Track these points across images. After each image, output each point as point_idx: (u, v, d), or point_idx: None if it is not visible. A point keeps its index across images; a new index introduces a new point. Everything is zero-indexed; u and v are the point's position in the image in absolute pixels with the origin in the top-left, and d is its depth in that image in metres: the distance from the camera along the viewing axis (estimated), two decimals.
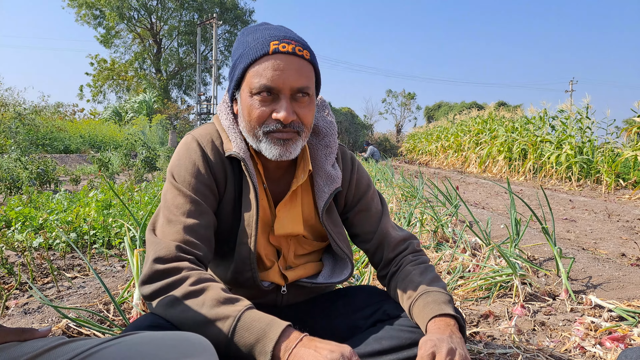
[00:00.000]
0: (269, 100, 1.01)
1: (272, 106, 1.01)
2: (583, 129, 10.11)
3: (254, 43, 1.02)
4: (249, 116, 1.03)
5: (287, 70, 0.99)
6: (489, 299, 1.97)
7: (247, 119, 1.04)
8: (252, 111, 1.02)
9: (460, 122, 17.90)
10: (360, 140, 30.21)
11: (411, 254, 1.22)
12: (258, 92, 1.00)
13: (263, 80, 0.99)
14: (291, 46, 1.01)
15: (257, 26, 1.09)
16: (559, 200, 6.59)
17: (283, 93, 1.00)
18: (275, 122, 1.01)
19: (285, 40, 1.01)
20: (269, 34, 1.03)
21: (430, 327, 1.00)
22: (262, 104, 1.01)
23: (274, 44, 1.00)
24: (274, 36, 1.02)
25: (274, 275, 1.19)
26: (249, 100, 1.02)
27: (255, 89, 1.00)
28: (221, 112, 1.16)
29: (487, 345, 1.49)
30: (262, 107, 1.01)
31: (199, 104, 28.78)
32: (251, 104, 1.02)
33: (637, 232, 4.08)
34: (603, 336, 1.53)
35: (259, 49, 1.00)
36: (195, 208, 1.04)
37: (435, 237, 2.98)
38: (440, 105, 39.80)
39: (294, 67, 1.00)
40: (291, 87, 1.00)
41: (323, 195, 1.17)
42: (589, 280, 2.24)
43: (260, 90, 0.99)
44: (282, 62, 0.99)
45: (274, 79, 0.99)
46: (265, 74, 0.99)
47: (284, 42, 1.00)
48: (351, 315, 1.22)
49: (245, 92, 1.03)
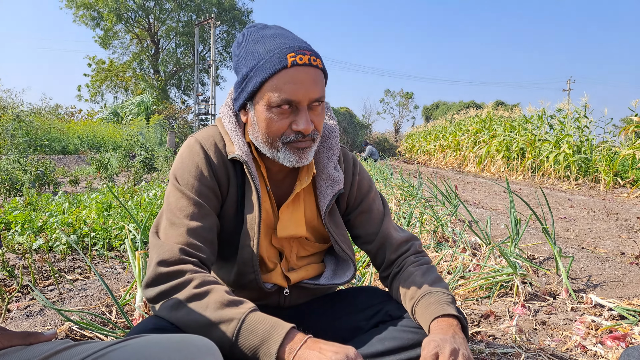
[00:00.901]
0: (288, 112, 1.01)
1: (290, 118, 1.02)
2: (581, 128, 10.13)
3: (269, 55, 1.00)
4: (268, 128, 1.03)
5: (306, 82, 0.99)
6: (489, 298, 1.98)
7: (265, 130, 1.04)
8: (271, 124, 1.02)
9: (458, 121, 17.92)
10: (359, 140, 30.25)
11: (413, 255, 1.23)
12: (278, 105, 1.00)
13: (284, 94, 0.98)
14: (307, 57, 1.00)
15: (261, 32, 1.07)
16: (558, 199, 6.61)
17: (302, 105, 1.01)
18: (295, 133, 1.02)
19: (301, 52, 1.00)
20: (282, 44, 1.01)
21: (433, 327, 1.00)
22: (281, 117, 1.01)
23: (290, 56, 0.99)
24: (289, 47, 1.01)
25: (277, 277, 1.19)
26: (266, 113, 1.01)
27: (276, 102, 0.99)
28: (223, 114, 1.16)
29: (489, 344, 1.50)
30: (282, 120, 1.01)
31: (197, 104, 28.75)
32: (270, 117, 1.01)
33: (636, 230, 4.09)
34: (604, 335, 1.53)
35: (276, 62, 0.99)
36: (198, 211, 1.05)
37: (435, 237, 2.99)
38: (439, 104, 39.84)
39: (310, 78, 1.00)
40: (310, 98, 1.00)
41: (325, 198, 1.18)
42: (589, 279, 2.25)
43: (280, 103, 0.99)
44: (301, 75, 0.99)
45: (295, 93, 0.99)
46: (286, 89, 0.98)
47: (300, 53, 1.00)
48: (353, 316, 1.22)
49: (261, 105, 1.02)
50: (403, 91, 44.76)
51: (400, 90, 44.93)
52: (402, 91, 44.76)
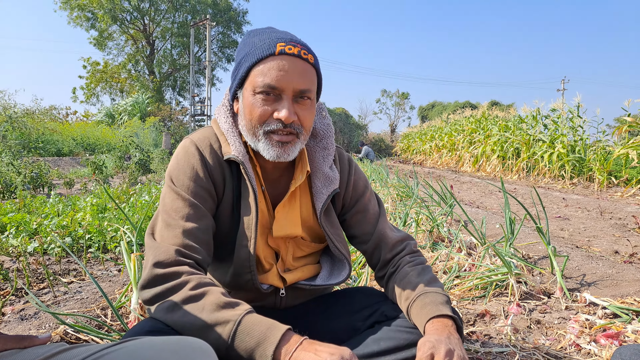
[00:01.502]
0: (271, 99, 1.02)
1: (274, 106, 1.02)
2: (575, 128, 10.19)
3: (260, 43, 1.04)
4: (251, 114, 1.04)
5: (291, 71, 1.01)
6: (485, 298, 1.99)
7: (248, 117, 1.05)
8: (254, 109, 1.03)
9: (454, 121, 17.98)
10: (355, 141, 30.28)
11: (408, 255, 1.23)
12: (261, 91, 1.01)
13: (267, 79, 1.00)
14: (297, 49, 1.03)
15: (264, 29, 1.11)
16: (553, 198, 6.64)
17: (286, 93, 1.02)
18: (277, 121, 1.02)
19: (292, 43, 1.03)
20: (276, 36, 1.05)
21: (428, 328, 1.01)
22: (264, 103, 1.02)
23: (280, 45, 1.02)
24: (281, 38, 1.04)
25: (273, 277, 1.19)
26: (251, 99, 1.03)
27: (259, 87, 1.01)
28: (220, 115, 1.17)
29: (484, 344, 1.51)
30: (265, 106, 1.02)
31: (192, 105, 28.70)
32: (253, 102, 1.03)
33: (630, 229, 4.12)
34: (598, 333, 1.55)
35: (265, 49, 1.02)
36: (194, 212, 1.05)
37: (431, 236, 3.00)
38: (434, 105, 39.95)
39: (298, 69, 1.02)
40: (294, 88, 1.02)
41: (321, 197, 1.18)
42: (583, 278, 2.27)
43: (263, 89, 1.01)
44: (287, 63, 1.01)
45: (278, 79, 1.00)
46: (270, 74, 1.00)
47: (290, 44, 1.03)
48: (349, 316, 1.22)
49: (248, 90, 1.04)
50: (399, 91, 44.86)
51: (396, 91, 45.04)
52: (398, 91, 44.85)
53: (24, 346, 0.75)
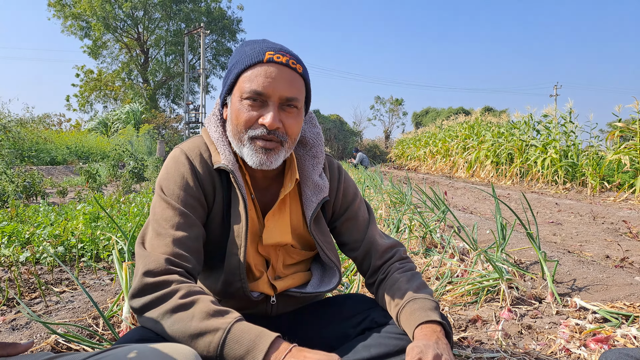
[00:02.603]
0: (258, 106, 1.04)
1: (260, 112, 1.05)
2: (567, 133, 10.29)
3: (251, 52, 1.06)
4: (237, 119, 1.06)
5: (278, 79, 1.03)
6: (477, 303, 2.00)
7: (234, 122, 1.07)
8: (240, 114, 1.05)
9: (447, 127, 18.08)
10: (350, 147, 30.36)
11: (398, 262, 1.24)
12: (248, 97, 1.04)
13: (254, 85, 1.03)
14: (285, 58, 1.05)
15: (258, 40, 1.13)
16: (546, 203, 6.69)
17: (272, 100, 1.04)
18: (261, 127, 1.04)
19: (281, 52, 1.06)
20: (267, 46, 1.07)
21: (417, 333, 1.02)
22: (250, 108, 1.04)
23: (269, 53, 1.05)
24: (271, 47, 1.07)
25: (263, 285, 1.20)
26: (238, 104, 1.06)
27: (246, 93, 1.03)
28: (210, 124, 1.18)
29: (475, 349, 1.51)
30: (251, 112, 1.04)
31: (187, 113, 28.68)
32: (240, 107, 1.05)
33: (621, 233, 4.15)
34: (588, 338, 1.56)
35: (254, 56, 1.05)
36: (184, 221, 1.05)
37: (424, 243, 3.01)
38: (428, 111, 40.16)
39: (285, 77, 1.04)
40: (280, 95, 1.03)
41: (311, 205, 1.19)
42: (574, 283, 2.29)
43: (250, 94, 1.03)
44: (274, 70, 1.03)
45: (264, 85, 1.02)
46: (257, 80, 1.03)
47: (279, 53, 1.05)
48: (340, 323, 1.23)
49: (236, 96, 1.07)
50: (393, 98, 45.03)
51: (390, 97, 45.21)
52: (392, 98, 45.03)
53: (7, 353, 0.75)
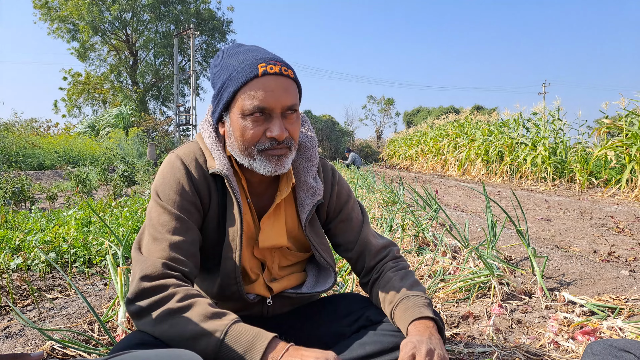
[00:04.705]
0: (262, 120, 1.06)
1: (264, 125, 1.06)
2: (556, 130, 10.43)
3: (241, 66, 1.06)
4: (243, 137, 1.07)
5: (277, 90, 1.05)
6: (468, 300, 2.04)
7: (240, 139, 1.08)
8: (245, 132, 1.06)
9: (438, 126, 18.21)
10: (342, 147, 30.43)
11: (391, 261, 1.27)
12: (251, 113, 1.04)
13: (256, 102, 1.03)
14: (278, 67, 1.06)
15: (236, 49, 1.13)
16: (535, 200, 6.77)
17: (275, 112, 1.05)
18: (270, 140, 1.06)
19: (272, 62, 1.06)
20: (254, 57, 1.07)
21: (410, 330, 1.05)
22: (255, 125, 1.05)
23: (261, 66, 1.05)
24: (259, 58, 1.07)
25: (259, 287, 1.22)
26: (241, 122, 1.06)
27: (249, 110, 1.04)
28: (204, 130, 1.20)
29: (467, 345, 1.55)
30: (256, 127, 1.06)
31: (177, 115, 28.55)
32: (244, 125, 1.06)
33: (608, 228, 4.23)
34: (575, 331, 1.60)
35: (247, 72, 1.05)
36: (180, 225, 1.07)
37: (416, 241, 3.04)
38: (419, 110, 40.40)
39: (282, 87, 1.06)
40: (282, 106, 1.05)
41: (306, 208, 1.21)
42: (562, 278, 2.34)
43: (253, 111, 1.04)
44: (272, 83, 1.05)
45: (266, 100, 1.04)
46: (258, 96, 1.03)
47: (271, 63, 1.06)
48: (336, 322, 1.25)
49: (236, 114, 1.07)
50: (384, 97, 45.25)
51: (382, 97, 45.42)
52: (384, 97, 45.23)
53: None
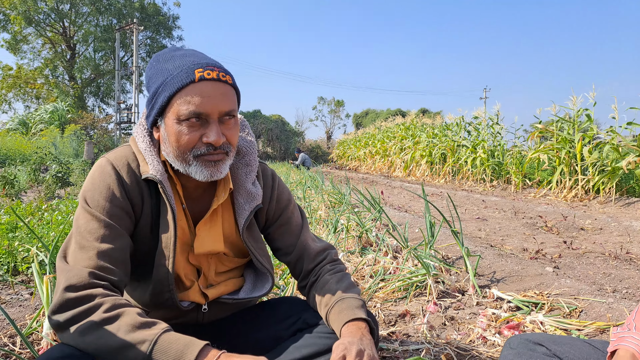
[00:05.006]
0: (198, 125, 1.04)
1: (201, 131, 1.04)
2: (494, 134, 11.05)
3: (177, 71, 1.04)
4: (178, 142, 1.05)
5: (214, 96, 1.03)
6: (406, 299, 2.11)
7: (175, 145, 1.06)
8: (181, 137, 1.04)
9: (385, 128, 18.69)
10: (292, 148, 30.45)
11: (329, 264, 1.30)
12: (187, 119, 1.03)
13: (192, 107, 1.02)
14: (215, 72, 1.05)
15: (172, 52, 1.11)
16: (474, 200, 7.13)
17: (212, 118, 1.04)
18: (206, 145, 1.05)
19: (209, 68, 1.05)
20: (191, 61, 1.05)
21: (343, 331, 1.07)
22: (191, 130, 1.04)
23: (198, 71, 1.03)
24: (196, 63, 1.05)
25: (194, 294, 1.20)
26: (176, 127, 1.04)
27: (184, 115, 1.02)
28: (138, 134, 1.16)
29: (403, 342, 1.61)
30: (192, 133, 1.04)
31: (118, 112, 27.29)
32: (179, 130, 1.04)
33: (538, 227, 4.54)
34: (502, 326, 1.71)
35: (183, 77, 1.03)
36: (109, 232, 1.03)
37: (360, 242, 3.11)
38: (368, 112, 41.28)
39: (220, 92, 1.04)
40: (219, 112, 1.04)
41: (244, 213, 1.21)
42: (493, 275, 2.48)
43: (189, 116, 1.02)
44: (208, 88, 1.03)
45: (203, 105, 1.02)
46: (194, 101, 1.02)
47: (208, 69, 1.04)
48: (274, 326, 1.26)
49: (171, 119, 1.05)
50: (334, 99, 45.80)
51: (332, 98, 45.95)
52: (334, 99, 45.81)
53: None
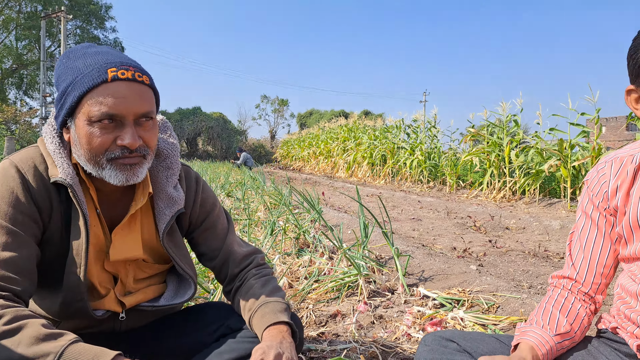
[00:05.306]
0: (111, 127, 0.99)
1: (115, 133, 1.00)
2: (432, 137, 11.57)
3: (88, 70, 0.99)
4: (89, 144, 0.99)
5: (129, 97, 0.99)
6: (339, 299, 2.16)
7: (86, 147, 1.00)
8: (92, 139, 0.99)
9: (329, 129, 18.92)
10: (234, 147, 29.96)
11: (255, 268, 1.29)
12: (99, 120, 0.98)
13: (104, 108, 0.97)
14: (130, 72, 1.00)
15: (84, 49, 1.05)
16: (411, 201, 7.41)
17: (127, 119, 1.00)
18: (121, 148, 1.00)
19: (123, 67, 1.00)
20: (104, 60, 1.00)
21: (264, 335, 1.08)
22: (104, 132, 0.99)
23: (111, 70, 0.98)
24: (110, 62, 1.00)
25: (110, 302, 1.15)
26: (87, 129, 0.99)
27: (96, 117, 0.97)
28: (46, 134, 1.09)
29: (331, 342, 1.64)
30: (105, 135, 0.99)
31: (44, 106, 25.40)
32: (91, 132, 0.99)
33: (468, 227, 4.81)
34: (426, 322, 1.79)
35: (95, 76, 0.98)
36: (12, 240, 0.97)
37: (297, 243, 3.13)
38: (312, 112, 41.55)
39: (135, 93, 1.00)
40: (135, 113, 1.00)
41: (164, 218, 1.18)
42: (422, 274, 2.60)
43: (101, 118, 0.97)
44: (123, 89, 0.99)
45: (116, 107, 0.97)
46: (106, 102, 0.97)
47: (122, 68, 1.00)
48: (198, 332, 1.24)
49: (81, 120, 0.99)
50: (278, 98, 45.64)
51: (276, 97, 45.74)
52: (278, 98, 45.63)
53: None
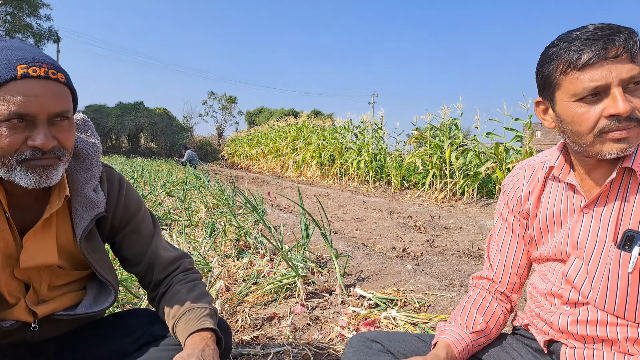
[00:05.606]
0: (21, 127, 0.92)
1: (25, 133, 0.93)
2: (378, 138, 11.83)
3: None
4: None
5: (42, 95, 0.93)
6: (276, 301, 2.15)
7: None
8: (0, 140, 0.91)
9: (278, 128, 18.83)
10: (179, 144, 29.05)
11: (182, 273, 1.26)
12: (7, 119, 0.91)
13: (13, 107, 0.90)
14: (43, 69, 0.94)
15: None
16: (357, 201, 7.53)
17: (39, 119, 0.93)
18: (32, 149, 0.94)
19: (35, 64, 0.94)
20: (13, 56, 0.93)
21: (187, 343, 1.05)
22: (12, 132, 0.92)
23: (21, 67, 0.92)
24: (20, 58, 0.93)
25: (20, 312, 1.08)
26: None
27: (3, 116, 0.90)
28: None
29: (265, 346, 1.63)
30: (14, 135, 0.92)
31: None
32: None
33: (409, 227, 4.96)
34: (360, 323, 1.83)
35: (2, 73, 0.91)
36: None
37: (238, 245, 3.09)
38: (261, 110, 41.18)
39: (49, 91, 0.94)
40: (48, 112, 0.94)
41: (82, 222, 1.12)
42: (360, 274, 2.65)
43: (9, 117, 0.90)
44: (34, 87, 0.92)
45: (27, 106, 0.91)
46: (15, 101, 0.90)
47: (34, 65, 0.93)
48: (119, 340, 1.20)
49: None
50: (226, 95, 44.76)
51: (224, 94, 44.83)
52: (225, 95, 44.73)
53: None
